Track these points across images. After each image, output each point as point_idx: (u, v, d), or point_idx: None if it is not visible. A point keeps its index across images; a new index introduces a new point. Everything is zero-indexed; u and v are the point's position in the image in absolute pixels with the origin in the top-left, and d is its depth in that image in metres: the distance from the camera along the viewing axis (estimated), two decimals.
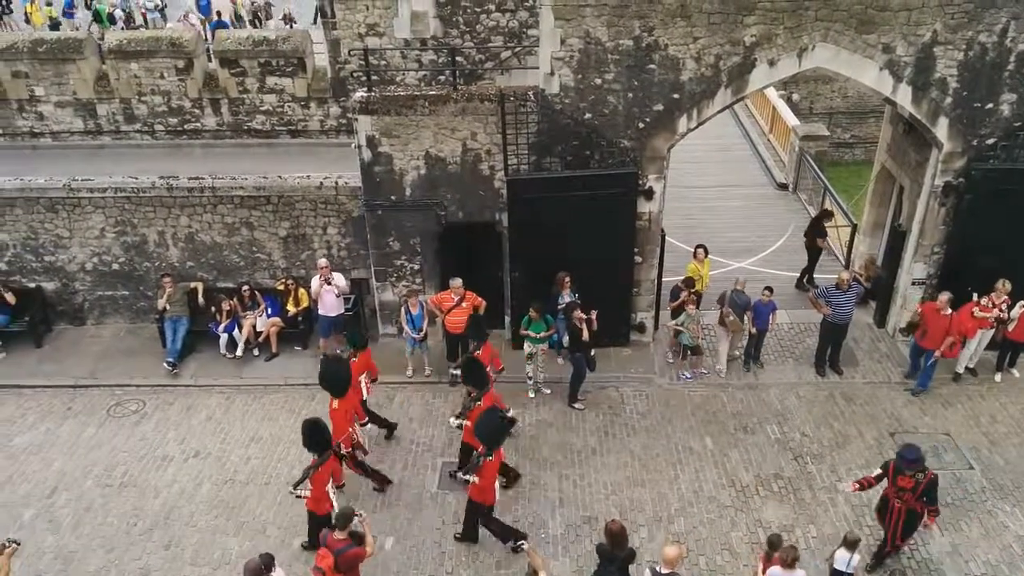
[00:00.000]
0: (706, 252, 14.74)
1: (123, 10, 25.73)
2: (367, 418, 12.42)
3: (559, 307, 13.54)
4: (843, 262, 16.46)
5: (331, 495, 10.39)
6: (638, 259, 13.90)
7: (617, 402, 13.51)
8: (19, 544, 9.31)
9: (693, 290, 14.00)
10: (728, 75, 12.45)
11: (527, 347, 13.31)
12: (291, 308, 14.69)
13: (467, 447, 11.28)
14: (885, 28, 11.92)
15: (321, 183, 14.18)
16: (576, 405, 13.30)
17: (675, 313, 13.93)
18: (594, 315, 12.69)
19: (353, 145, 13.63)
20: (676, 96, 12.66)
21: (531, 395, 13.60)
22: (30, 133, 15.08)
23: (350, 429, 11.45)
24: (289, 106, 14.91)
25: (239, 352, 14.59)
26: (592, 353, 12.94)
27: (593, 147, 13.08)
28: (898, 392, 13.65)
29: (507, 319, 14.52)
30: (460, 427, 11.30)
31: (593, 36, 12.27)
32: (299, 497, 10.27)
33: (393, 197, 13.70)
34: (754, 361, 14.12)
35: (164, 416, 13.41)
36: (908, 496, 9.86)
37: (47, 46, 14.68)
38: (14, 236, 14.64)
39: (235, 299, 14.61)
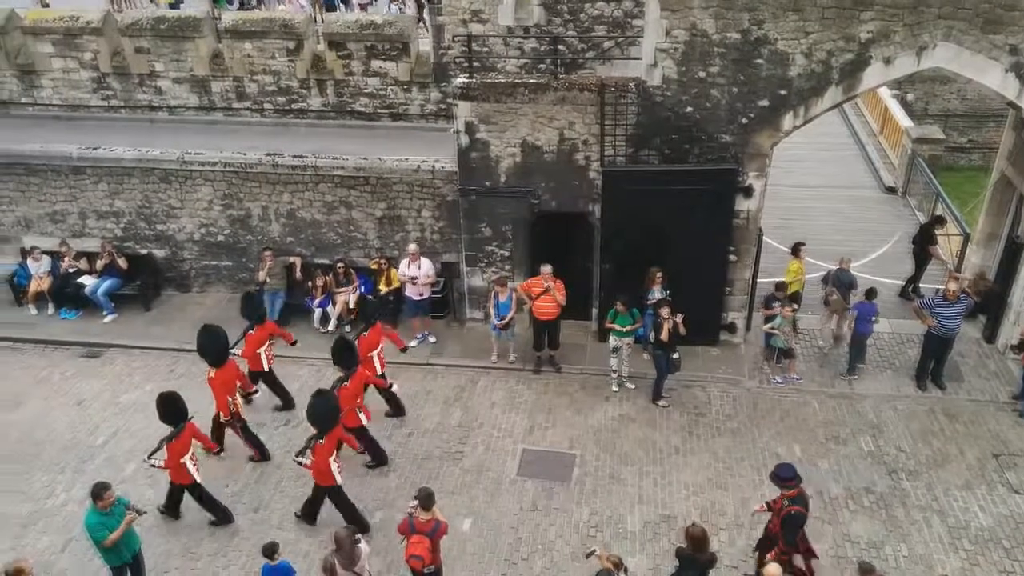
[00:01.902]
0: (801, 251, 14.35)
1: None
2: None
3: (647, 302, 13.40)
4: (952, 272, 15.66)
5: (190, 468, 10.72)
6: (733, 258, 13.58)
7: (703, 402, 13.27)
8: (141, 514, 9.77)
9: (788, 292, 13.63)
10: (840, 72, 11.99)
11: (612, 340, 13.22)
12: (383, 287, 14.99)
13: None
14: (1014, 28, 11.22)
15: (418, 166, 14.40)
16: (660, 403, 13.15)
17: (768, 319, 13.59)
18: (680, 319, 12.49)
19: (451, 130, 13.79)
20: (783, 92, 12.28)
21: (615, 389, 13.51)
22: (149, 107, 15.85)
23: (230, 398, 11.76)
24: (391, 89, 15.18)
25: (331, 327, 15.01)
26: (676, 356, 12.73)
27: (693, 141, 12.83)
28: (1005, 413, 12.93)
29: (594, 311, 14.45)
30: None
31: (699, 28, 12.02)
32: (153, 466, 10.73)
33: (487, 183, 13.80)
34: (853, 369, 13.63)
35: (259, 384, 13.91)
36: (776, 520, 9.45)
37: (168, 24, 15.38)
38: (130, 204, 15.45)
39: (330, 275, 15.03)
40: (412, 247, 14.20)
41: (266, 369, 12.91)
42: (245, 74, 15.34)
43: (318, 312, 15.04)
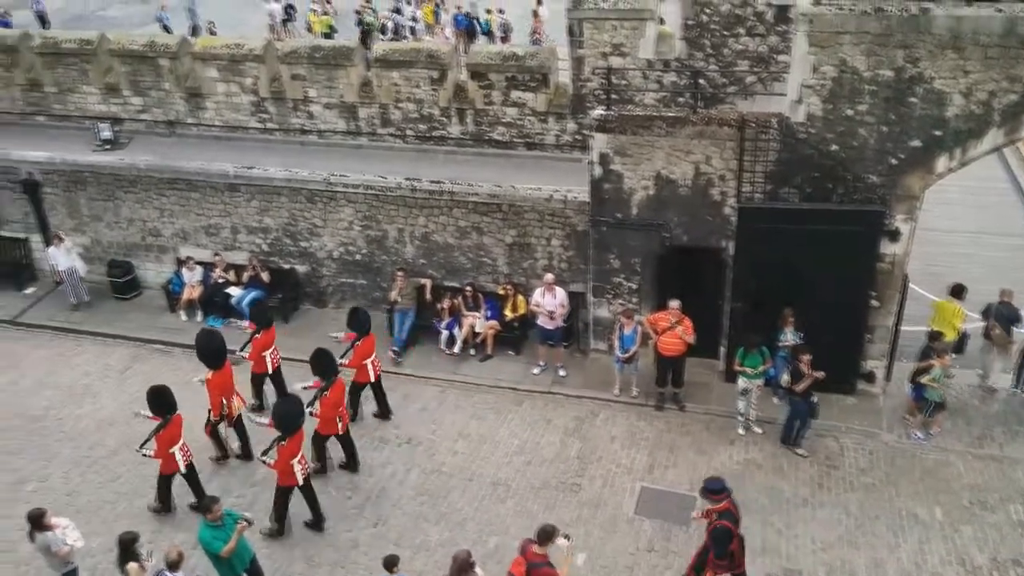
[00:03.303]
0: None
1: (395, 24, 28.00)
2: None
3: (779, 344, 12.95)
4: None
5: (179, 458, 11.49)
6: (875, 304, 12.93)
7: (835, 453, 12.64)
8: (250, 524, 10.21)
9: (945, 341, 12.87)
10: (1002, 114, 11.28)
11: (741, 382, 12.82)
12: (509, 313, 15.17)
13: (319, 437, 12.30)
14: None
15: (551, 196, 14.54)
16: (799, 451, 12.58)
17: (920, 371, 12.74)
18: (820, 375, 12.04)
19: (586, 161, 13.86)
20: (938, 133, 11.66)
21: (741, 432, 13.08)
22: (300, 130, 16.75)
23: (224, 399, 12.32)
24: (529, 119, 15.42)
25: (456, 349, 15.29)
26: (815, 399, 12.20)
27: (836, 181, 12.36)
28: None
29: (722, 350, 14.08)
30: (311, 414, 11.90)
31: (849, 65, 11.61)
32: (145, 456, 11.36)
33: (619, 215, 13.76)
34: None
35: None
36: (707, 534, 9.52)
37: (323, 53, 16.24)
38: (277, 221, 16.35)
39: (458, 298, 15.35)
40: (548, 277, 14.29)
41: (270, 371, 13.57)
42: (391, 101, 15.99)
43: (445, 334, 15.37)
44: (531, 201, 14.70)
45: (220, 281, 16.50)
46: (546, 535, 9.05)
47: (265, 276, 16.30)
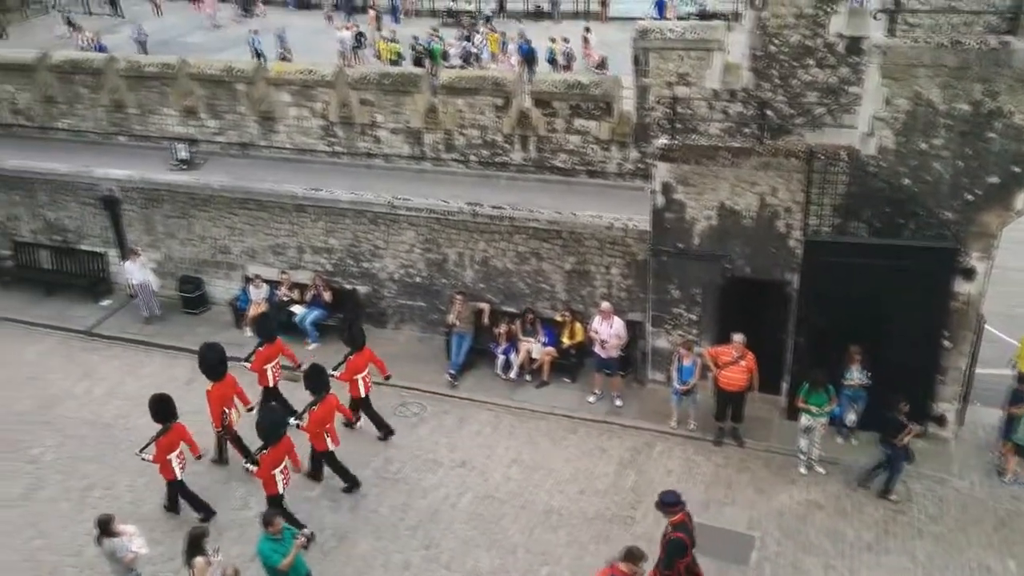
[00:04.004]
0: None
1: (464, 51, 28.51)
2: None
3: (845, 382, 12.59)
4: None
5: (175, 465, 11.89)
6: (947, 344, 12.47)
7: (903, 497, 12.16)
8: (310, 540, 10.40)
9: None
10: None
11: (804, 420, 12.48)
12: (566, 340, 15.10)
13: (317, 455, 12.52)
14: None
15: (611, 224, 14.49)
16: (892, 497, 12.11)
17: (1013, 419, 12.19)
18: (919, 430, 11.90)
19: (648, 190, 13.79)
20: (1018, 169, 11.28)
21: (802, 471, 12.71)
22: (367, 154, 17.10)
23: (225, 410, 12.69)
24: (591, 147, 15.44)
25: (512, 374, 15.28)
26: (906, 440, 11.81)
27: (908, 216, 12.03)
28: None
29: (784, 386, 13.74)
30: (297, 427, 12.16)
31: (924, 98, 11.34)
32: (144, 460, 11.79)
33: (680, 245, 13.63)
34: None
35: (440, 423, 14.39)
36: (661, 546, 9.69)
37: (391, 79, 16.60)
38: (342, 242, 16.67)
39: (516, 324, 15.36)
40: (605, 305, 14.21)
41: (271, 385, 13.81)
42: (455, 127, 16.21)
43: (501, 359, 15.37)
44: (591, 228, 14.67)
45: (284, 299, 16.86)
46: (635, 556, 9.05)
47: (327, 296, 16.60)
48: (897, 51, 11.25)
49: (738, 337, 12.79)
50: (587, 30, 29.45)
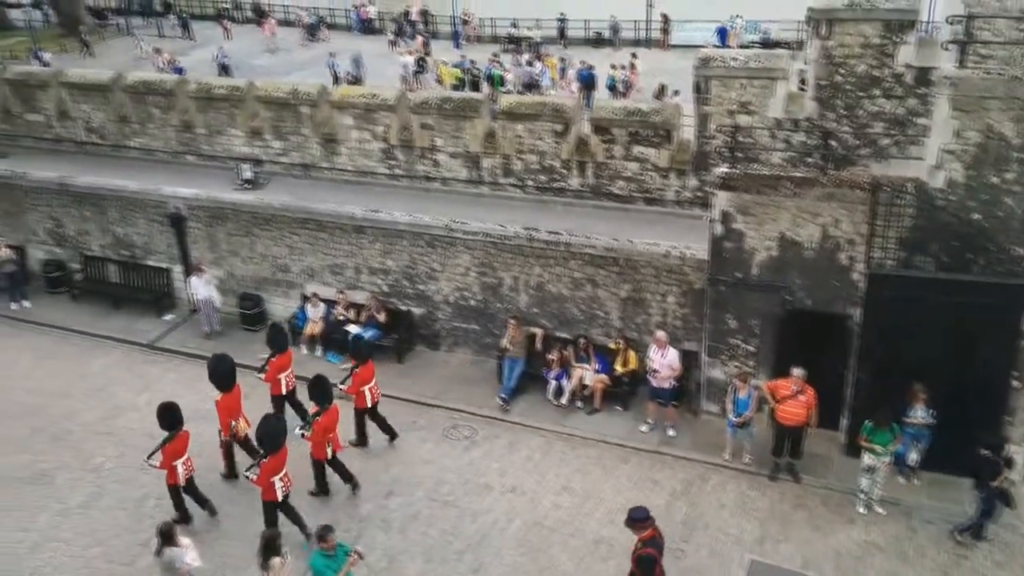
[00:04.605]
0: None
1: (529, 76, 28.93)
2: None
3: (908, 421, 12.22)
4: None
5: (180, 471, 12.27)
6: (1016, 384, 12.05)
7: (967, 542, 11.71)
8: (362, 558, 10.51)
9: None
10: None
11: (867, 459, 12.10)
12: (619, 368, 14.98)
13: (316, 463, 12.86)
14: None
15: (668, 252, 14.39)
16: (959, 537, 11.74)
17: None
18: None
19: (706, 218, 13.66)
20: None
21: (861, 511, 12.33)
22: (425, 177, 17.34)
23: (233, 422, 13.13)
24: (649, 174, 15.40)
25: (564, 401, 15.19)
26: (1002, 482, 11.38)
27: (977, 251, 11.71)
28: None
29: (844, 422, 13.39)
30: (303, 436, 12.68)
31: (996, 131, 11.08)
32: (152, 466, 12.21)
33: (739, 274, 13.45)
34: None
35: (490, 447, 14.37)
36: (632, 561, 9.74)
37: (452, 104, 16.83)
38: (398, 263, 16.87)
39: (569, 350, 15.30)
40: (660, 335, 14.06)
41: (284, 393, 14.28)
42: (513, 152, 16.34)
43: (553, 384, 15.31)
44: (648, 256, 14.58)
45: (341, 319, 17.10)
46: None
47: (381, 316, 16.78)
48: (968, 83, 11.03)
49: (798, 371, 12.53)
50: (633, 56, 29.74)
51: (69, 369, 17.18)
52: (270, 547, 10.23)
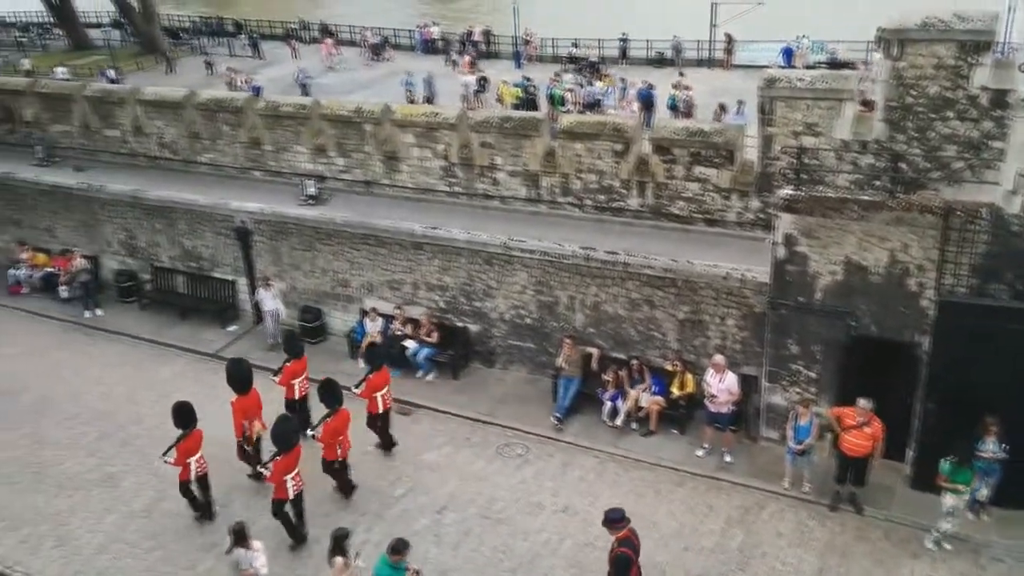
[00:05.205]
0: None
1: (590, 95, 29.06)
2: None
3: (979, 454, 11.75)
4: None
5: (192, 468, 12.75)
6: None
7: None
8: (419, 575, 10.52)
9: None
10: None
11: (950, 499, 11.57)
12: (675, 390, 14.79)
13: (325, 462, 13.15)
14: None
15: (727, 274, 14.18)
16: None
17: None
18: None
19: (769, 241, 13.43)
20: None
21: (929, 546, 11.87)
22: (484, 195, 17.45)
23: (245, 423, 13.54)
24: (710, 195, 15.22)
25: (619, 422, 15.05)
26: None
27: None
28: None
29: (909, 453, 12.95)
30: (313, 437, 13.08)
31: None
32: (167, 463, 12.69)
33: (801, 299, 13.17)
34: None
35: (543, 466, 14.30)
36: (609, 561, 9.99)
37: (512, 123, 16.93)
38: (456, 280, 16.99)
39: (625, 370, 15.16)
40: (718, 358, 13.84)
41: (297, 398, 14.71)
42: (572, 171, 16.34)
43: (608, 405, 15.18)
44: (707, 278, 14.39)
45: (398, 333, 17.28)
46: None
47: (432, 338, 16.90)
48: None
49: (864, 402, 12.14)
50: (681, 74, 29.80)
51: (137, 376, 17.74)
52: (337, 546, 10.47)
